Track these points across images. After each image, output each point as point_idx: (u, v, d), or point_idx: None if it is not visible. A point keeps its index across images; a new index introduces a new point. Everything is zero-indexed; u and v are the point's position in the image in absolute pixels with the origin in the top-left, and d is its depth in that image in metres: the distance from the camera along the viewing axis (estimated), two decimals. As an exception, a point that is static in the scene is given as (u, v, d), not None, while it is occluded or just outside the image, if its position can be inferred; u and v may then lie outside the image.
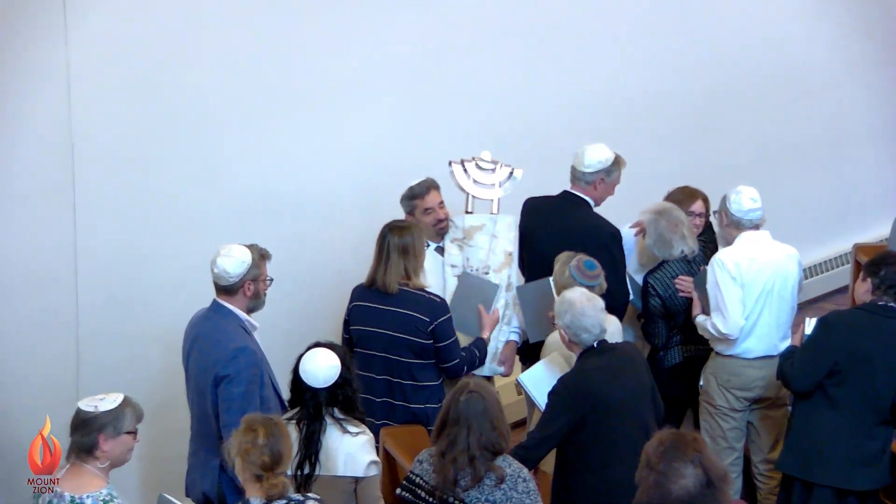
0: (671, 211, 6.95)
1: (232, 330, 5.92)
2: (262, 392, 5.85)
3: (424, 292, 6.47)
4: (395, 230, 6.47)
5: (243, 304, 5.98)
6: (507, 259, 6.85)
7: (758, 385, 6.77)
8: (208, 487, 6.04)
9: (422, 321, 6.39)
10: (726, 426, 6.85)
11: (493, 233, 6.87)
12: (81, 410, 4.94)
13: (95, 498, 4.87)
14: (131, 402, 5.03)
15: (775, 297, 6.73)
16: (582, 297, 5.87)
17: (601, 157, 7.00)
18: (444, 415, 5.24)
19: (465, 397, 5.20)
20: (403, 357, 6.43)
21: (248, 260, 5.92)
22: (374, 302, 6.45)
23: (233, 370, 5.80)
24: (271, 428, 4.86)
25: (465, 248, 6.86)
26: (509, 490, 5.19)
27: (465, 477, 5.17)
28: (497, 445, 5.21)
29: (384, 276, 6.42)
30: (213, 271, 5.93)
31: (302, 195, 7.40)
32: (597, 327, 5.83)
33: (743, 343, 6.73)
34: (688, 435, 4.13)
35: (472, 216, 6.94)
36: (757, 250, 6.71)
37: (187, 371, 6.10)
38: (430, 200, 6.86)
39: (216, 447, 5.88)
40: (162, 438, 7.00)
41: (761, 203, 6.76)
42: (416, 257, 6.47)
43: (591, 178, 7.02)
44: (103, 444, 4.93)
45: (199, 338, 6.00)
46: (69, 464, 4.96)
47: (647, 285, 6.95)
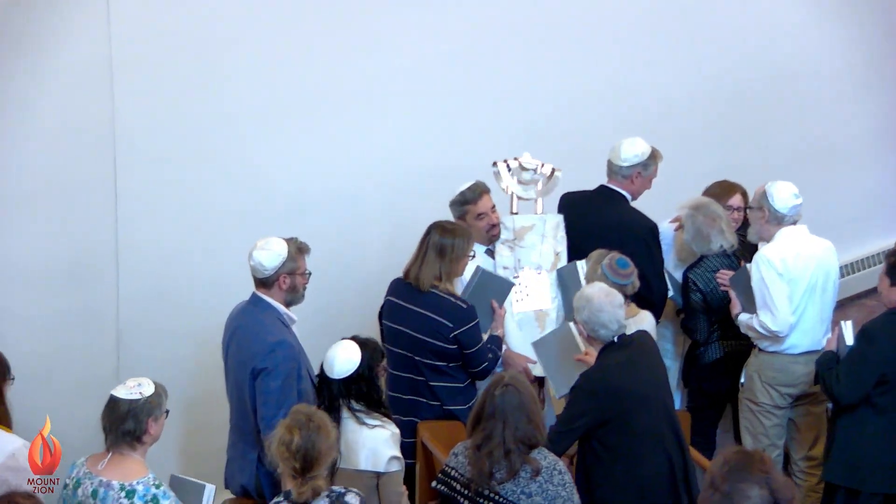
0: (709, 206, 6.90)
1: (270, 323, 5.94)
2: (300, 385, 5.86)
3: (452, 297, 6.40)
4: (439, 229, 6.42)
5: (280, 298, 6.00)
6: (556, 259, 6.84)
7: (802, 381, 6.72)
8: (246, 480, 6.06)
9: (445, 326, 6.34)
10: (768, 423, 6.80)
11: (544, 232, 6.86)
12: (124, 400, 4.97)
13: (146, 483, 4.94)
14: (157, 382, 5.10)
15: (819, 290, 6.67)
16: (600, 293, 5.83)
17: (638, 151, 6.98)
18: (479, 409, 5.24)
19: (501, 391, 5.20)
20: (427, 359, 6.41)
21: (283, 253, 5.93)
22: (403, 300, 6.44)
23: (271, 363, 5.83)
24: (309, 429, 4.87)
25: (517, 248, 6.83)
26: (545, 483, 5.18)
27: (501, 470, 5.17)
28: (532, 439, 5.21)
29: (418, 272, 6.39)
30: (250, 263, 5.96)
31: (336, 193, 7.43)
32: (614, 323, 5.80)
33: (788, 339, 6.68)
34: (755, 454, 4.04)
35: (521, 217, 6.90)
36: (799, 245, 6.64)
37: (226, 364, 6.13)
38: (483, 205, 6.79)
39: (254, 440, 5.93)
40: (201, 432, 7.06)
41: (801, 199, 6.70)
42: (452, 261, 6.40)
43: (629, 171, 6.99)
44: (151, 428, 5.01)
45: (238, 331, 6.03)
46: (110, 454, 4.99)
47: (688, 280, 6.92)
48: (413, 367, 6.44)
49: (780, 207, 6.65)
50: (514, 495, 5.16)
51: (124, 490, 4.92)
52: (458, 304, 6.39)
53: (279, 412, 5.76)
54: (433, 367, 6.42)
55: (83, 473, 5.02)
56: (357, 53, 7.43)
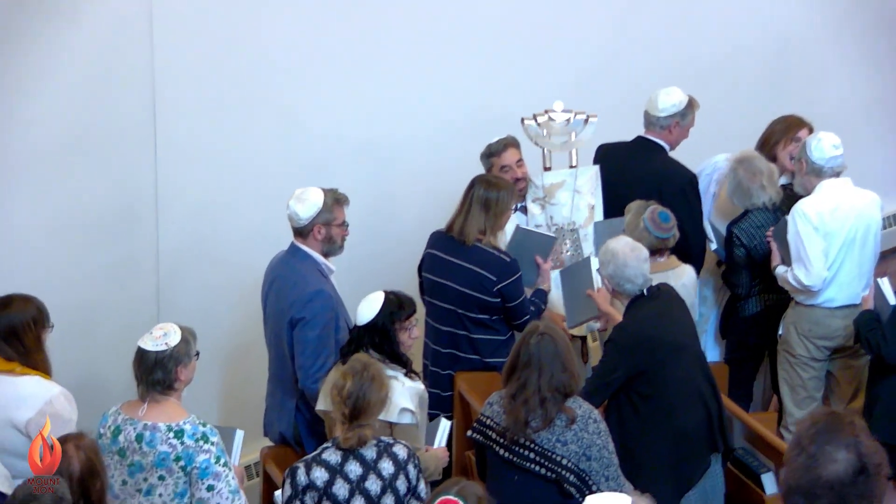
0: (751, 160, 6.84)
1: (308, 273, 5.96)
2: (338, 335, 5.90)
3: (496, 251, 6.38)
4: (483, 183, 6.40)
5: (317, 248, 6.01)
6: (591, 213, 6.80)
7: (840, 335, 6.69)
8: (285, 428, 6.12)
9: (488, 279, 6.33)
10: (806, 375, 6.78)
11: (575, 188, 6.80)
12: (151, 352, 5.03)
13: (192, 422, 5.02)
14: (184, 326, 5.16)
15: (858, 244, 6.62)
16: (625, 247, 5.82)
17: (675, 101, 6.93)
18: (514, 357, 5.24)
19: (536, 340, 5.18)
20: (470, 312, 6.40)
21: (319, 203, 5.94)
22: (445, 252, 6.43)
23: (308, 313, 5.86)
24: (362, 378, 4.91)
25: (548, 206, 6.80)
26: (580, 431, 5.18)
27: (536, 419, 5.17)
28: (568, 387, 5.20)
29: (462, 226, 6.37)
30: (287, 213, 5.98)
31: (378, 143, 7.41)
32: (640, 277, 5.79)
33: (825, 293, 6.64)
34: (845, 416, 3.87)
35: (551, 173, 6.84)
36: (839, 198, 6.58)
37: (265, 313, 6.17)
38: (508, 158, 6.77)
39: (292, 389, 5.98)
40: (240, 381, 7.11)
41: (842, 150, 6.64)
42: (496, 215, 6.38)
43: (667, 122, 6.95)
44: (181, 375, 5.07)
45: (277, 280, 6.06)
46: (146, 402, 5.06)
47: (732, 235, 6.86)
48: (455, 320, 6.45)
49: (818, 159, 6.59)
50: (550, 443, 5.16)
51: (172, 430, 4.99)
52: (501, 257, 6.38)
53: (317, 361, 5.83)
54: (476, 320, 6.43)
55: (122, 420, 5.07)
56: (398, 1, 7.39)
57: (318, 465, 4.87)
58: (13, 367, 5.23)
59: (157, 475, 4.98)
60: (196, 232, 6.99)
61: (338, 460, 4.87)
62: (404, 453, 4.94)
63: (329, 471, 4.86)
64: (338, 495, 4.84)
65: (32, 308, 5.33)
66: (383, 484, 4.88)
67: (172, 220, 6.88)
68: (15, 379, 5.20)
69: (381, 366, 5.14)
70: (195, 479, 4.96)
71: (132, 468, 5.01)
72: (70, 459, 4.39)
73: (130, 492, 5.03)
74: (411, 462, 4.95)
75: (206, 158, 6.97)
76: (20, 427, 5.15)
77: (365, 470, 4.87)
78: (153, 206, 6.84)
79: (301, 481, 4.86)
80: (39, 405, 5.17)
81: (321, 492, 4.84)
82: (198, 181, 6.96)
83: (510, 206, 6.44)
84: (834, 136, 6.65)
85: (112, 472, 5.02)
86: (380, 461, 4.90)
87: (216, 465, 4.97)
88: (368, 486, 4.86)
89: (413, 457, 4.98)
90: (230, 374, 7.16)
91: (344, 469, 4.86)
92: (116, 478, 5.04)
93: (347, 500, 4.84)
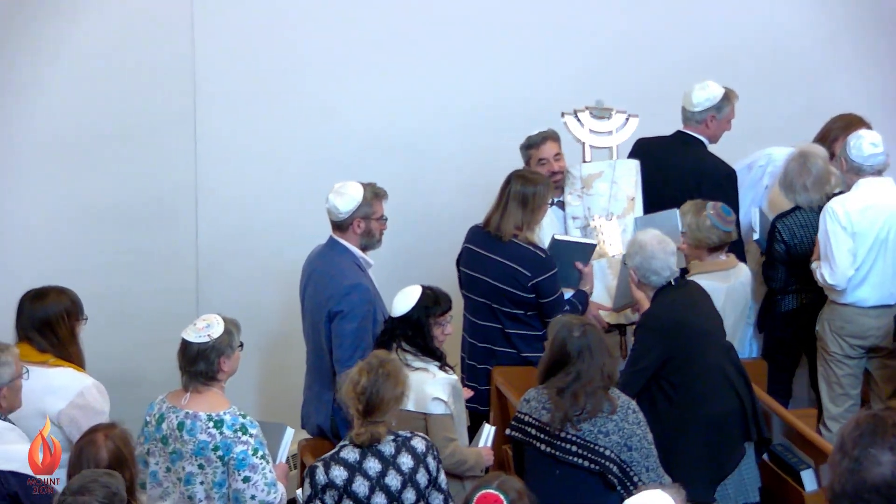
0: (809, 158, 6.76)
1: (346, 266, 5.97)
2: (375, 329, 5.90)
3: (532, 246, 6.37)
4: (520, 178, 6.37)
5: (355, 242, 6.03)
6: (630, 205, 6.78)
7: (873, 334, 6.64)
8: (322, 420, 6.13)
9: (523, 275, 6.32)
10: (840, 373, 6.74)
11: (613, 179, 6.78)
12: (194, 343, 5.05)
13: (233, 413, 5.04)
14: (227, 318, 5.17)
15: (891, 244, 6.56)
16: (653, 239, 5.83)
17: (709, 94, 6.89)
18: (558, 352, 5.23)
19: (580, 332, 5.19)
20: (504, 306, 6.39)
21: (358, 197, 5.95)
22: (482, 248, 6.42)
23: (346, 306, 5.88)
24: (378, 375, 4.90)
25: (585, 197, 6.76)
26: (621, 421, 5.18)
27: (585, 408, 5.16)
28: (614, 374, 5.25)
29: (499, 222, 6.36)
30: (326, 206, 5.99)
31: (413, 136, 7.42)
32: (666, 270, 5.81)
33: (856, 292, 6.58)
34: (888, 418, 3.78)
35: (589, 164, 6.82)
36: (874, 197, 6.51)
37: (303, 306, 6.18)
38: (546, 151, 6.73)
39: (330, 381, 5.98)
40: (278, 372, 7.13)
41: (884, 148, 6.57)
42: (533, 211, 6.36)
43: (702, 116, 6.91)
44: (223, 366, 5.09)
45: (315, 273, 6.07)
46: (189, 391, 5.08)
47: (775, 229, 6.82)
48: (491, 314, 6.44)
49: (856, 157, 6.53)
50: (592, 435, 5.16)
51: (212, 420, 5.01)
52: (537, 252, 6.37)
53: (354, 354, 5.82)
54: (510, 314, 6.41)
55: (166, 408, 5.10)
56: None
57: (336, 464, 4.85)
58: (46, 359, 5.26)
59: (196, 464, 5.01)
60: (234, 225, 7.02)
61: (356, 458, 4.86)
62: (422, 446, 4.93)
63: (348, 469, 4.84)
64: (358, 493, 4.82)
65: (67, 300, 5.34)
66: (403, 478, 4.86)
67: (211, 212, 6.91)
68: (48, 370, 5.23)
69: (399, 363, 5.11)
70: (232, 470, 4.98)
71: (173, 456, 5.05)
72: (98, 449, 4.43)
73: (173, 479, 5.07)
74: (430, 454, 4.93)
75: (244, 152, 7.00)
76: (52, 418, 5.17)
77: (384, 466, 4.85)
78: (192, 198, 6.88)
79: (320, 480, 4.84)
80: (71, 396, 5.20)
81: (341, 490, 4.82)
82: (236, 174, 6.99)
83: (546, 200, 6.43)
84: (875, 134, 6.59)
85: (157, 458, 5.07)
86: (398, 456, 4.88)
87: (253, 456, 4.99)
88: (388, 481, 4.85)
89: (432, 448, 4.96)
90: (268, 366, 7.19)
91: (363, 466, 4.84)
92: (161, 465, 5.08)
93: (368, 496, 4.83)
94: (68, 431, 5.18)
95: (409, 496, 4.88)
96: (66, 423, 5.18)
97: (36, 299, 5.31)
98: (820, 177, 6.74)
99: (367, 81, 7.25)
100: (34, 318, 5.27)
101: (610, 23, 7.91)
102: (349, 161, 7.11)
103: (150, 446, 5.10)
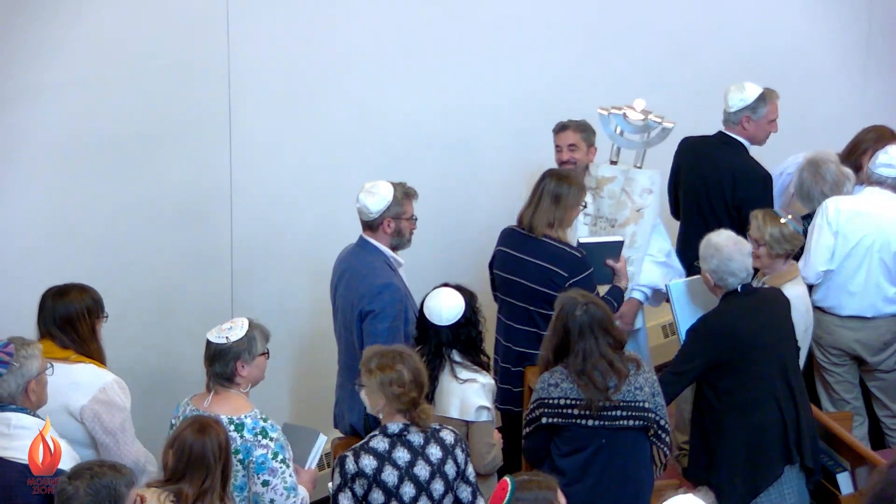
0: (821, 164, 6.74)
1: (378, 266, 5.98)
2: (406, 328, 5.91)
3: (567, 246, 6.36)
4: (555, 176, 6.37)
5: (386, 241, 6.03)
6: (635, 216, 6.68)
7: (853, 347, 6.62)
8: (355, 420, 6.14)
9: (560, 276, 6.29)
10: (831, 380, 6.73)
11: (624, 187, 6.71)
12: (213, 343, 5.10)
13: (254, 417, 5.07)
14: (256, 324, 5.21)
15: (876, 255, 6.51)
16: (729, 241, 5.85)
17: (743, 95, 6.87)
18: (562, 333, 5.35)
19: (582, 309, 5.31)
20: (541, 308, 6.36)
21: (389, 197, 5.96)
22: (516, 250, 6.39)
23: (378, 306, 5.88)
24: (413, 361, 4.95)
25: (598, 198, 6.72)
26: (645, 373, 5.36)
27: (612, 379, 5.29)
28: (620, 336, 5.38)
29: (532, 218, 6.35)
30: (357, 206, 6.00)
31: (450, 134, 7.40)
32: (743, 271, 5.83)
33: (833, 296, 6.58)
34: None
35: (606, 166, 6.78)
36: (869, 204, 6.53)
37: (335, 305, 6.19)
38: (561, 139, 6.79)
39: (363, 381, 5.98)
40: (312, 372, 7.14)
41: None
42: (567, 209, 6.36)
43: (737, 117, 6.91)
44: (241, 371, 5.12)
45: (346, 273, 6.08)
46: (212, 392, 5.11)
47: None
48: (526, 317, 6.43)
49: (871, 165, 6.60)
50: (631, 395, 5.32)
51: (233, 423, 5.03)
52: (572, 252, 6.35)
53: (386, 354, 5.83)
54: (546, 316, 6.38)
55: (189, 410, 5.15)
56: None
57: (366, 453, 4.89)
58: (68, 355, 5.30)
59: (216, 467, 5.04)
60: (269, 224, 7.04)
61: (385, 447, 4.90)
62: (451, 438, 4.96)
63: (377, 458, 4.88)
64: (387, 482, 4.86)
65: (88, 298, 5.39)
66: (432, 469, 4.90)
67: (246, 212, 6.92)
68: (70, 366, 5.27)
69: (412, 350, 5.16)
70: (251, 473, 5.01)
71: (195, 458, 5.07)
72: (219, 432, 4.61)
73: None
74: (458, 446, 4.97)
75: (279, 151, 7.01)
76: (74, 413, 5.23)
77: (413, 456, 4.89)
78: (227, 198, 6.90)
79: (350, 469, 4.88)
80: (94, 392, 5.24)
81: (370, 479, 4.86)
82: (271, 174, 7.00)
83: (580, 202, 6.41)
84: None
85: None
86: (427, 446, 4.92)
87: (273, 460, 5.01)
88: (417, 471, 4.88)
89: (460, 441, 5.00)
90: (302, 366, 7.20)
91: (392, 456, 4.88)
92: (184, 468, 5.10)
93: (397, 486, 4.87)
94: (90, 427, 5.24)
95: (438, 487, 4.92)
96: (88, 419, 5.23)
97: (58, 296, 5.37)
98: (836, 181, 6.72)
99: (402, 82, 7.24)
100: (56, 315, 5.33)
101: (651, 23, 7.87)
102: (383, 161, 7.11)
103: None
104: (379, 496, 4.87)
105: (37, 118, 6.49)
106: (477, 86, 7.45)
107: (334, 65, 7.03)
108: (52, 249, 6.56)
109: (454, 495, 4.95)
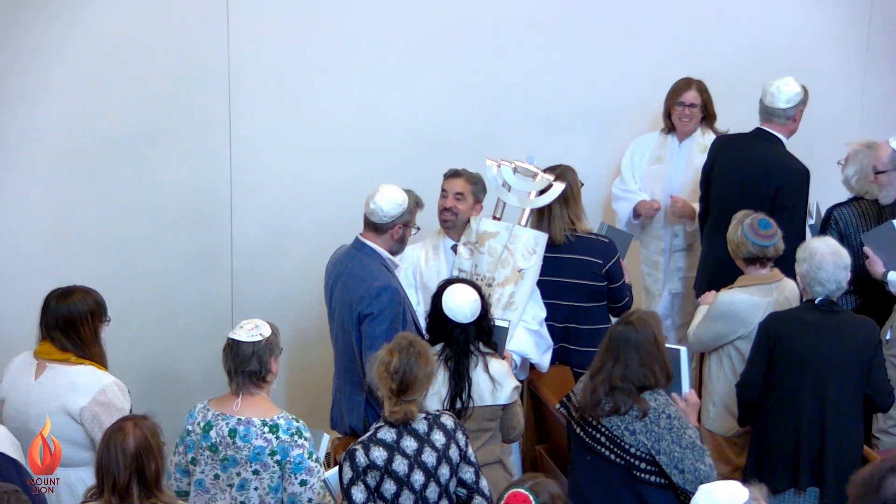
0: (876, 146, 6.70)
1: (375, 268, 5.96)
2: (405, 329, 5.89)
3: (594, 235, 6.51)
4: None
5: (388, 245, 6.01)
6: (515, 276, 6.38)
7: None
8: (355, 422, 6.13)
9: (596, 264, 6.44)
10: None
11: (507, 244, 6.40)
12: (247, 343, 5.05)
13: (287, 418, 5.09)
14: (269, 322, 5.20)
15: None
16: (826, 248, 5.74)
17: (798, 89, 6.88)
18: (605, 339, 5.29)
19: (622, 328, 5.23)
20: (580, 302, 6.45)
21: (405, 204, 5.95)
22: (547, 250, 6.39)
23: (376, 308, 5.87)
24: (409, 354, 4.92)
25: (476, 253, 6.39)
26: (651, 424, 5.18)
27: (607, 403, 5.20)
28: (644, 381, 5.19)
29: (549, 229, 6.41)
30: (369, 207, 5.95)
31: (450, 134, 7.39)
32: (832, 283, 5.70)
33: None
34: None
35: (488, 221, 6.42)
36: None
37: (330, 308, 6.18)
38: (450, 185, 6.43)
39: (361, 383, 5.99)
40: (312, 372, 7.15)
41: None
42: (576, 202, 6.46)
43: (792, 112, 6.87)
44: (273, 366, 5.13)
45: (343, 275, 6.05)
46: (241, 396, 5.09)
47: (830, 217, 6.73)
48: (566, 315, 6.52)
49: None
50: (619, 430, 5.19)
51: (267, 425, 5.04)
52: (601, 240, 6.53)
53: (385, 356, 5.84)
54: (586, 309, 6.53)
55: (212, 416, 5.08)
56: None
57: (375, 445, 4.90)
58: (68, 357, 5.31)
59: (251, 469, 5.03)
60: (270, 225, 7.04)
61: (393, 437, 4.92)
62: (451, 422, 5.00)
63: (387, 449, 4.89)
64: (398, 471, 4.88)
65: (91, 301, 5.39)
66: (438, 455, 4.93)
67: (246, 213, 6.93)
68: (69, 368, 5.28)
69: (426, 343, 5.14)
70: (288, 474, 5.03)
71: (225, 463, 5.05)
72: (126, 436, 4.41)
73: (222, 486, 5.08)
74: (459, 429, 5.01)
75: (279, 151, 7.02)
76: (74, 415, 5.23)
77: (419, 443, 4.92)
78: (227, 198, 6.90)
79: (361, 462, 4.88)
80: (93, 393, 5.24)
81: (382, 470, 4.88)
82: (271, 174, 7.01)
83: (578, 182, 6.48)
84: None
85: (203, 467, 5.08)
86: (431, 433, 4.95)
87: (309, 460, 5.05)
88: (425, 458, 4.91)
89: (459, 425, 5.03)
90: (301, 367, 7.21)
91: (400, 445, 4.90)
92: (208, 472, 5.08)
93: (407, 474, 4.90)
94: (90, 428, 5.24)
95: (444, 472, 4.96)
96: (87, 420, 5.24)
97: (62, 298, 5.37)
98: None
99: (402, 82, 7.24)
100: (58, 317, 5.33)
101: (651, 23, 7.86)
102: (383, 161, 7.11)
103: (196, 455, 5.10)
104: (391, 486, 4.89)
105: (37, 118, 6.51)
106: (477, 86, 7.44)
107: (334, 65, 7.03)
108: (51, 249, 6.58)
109: (457, 478, 4.99)
